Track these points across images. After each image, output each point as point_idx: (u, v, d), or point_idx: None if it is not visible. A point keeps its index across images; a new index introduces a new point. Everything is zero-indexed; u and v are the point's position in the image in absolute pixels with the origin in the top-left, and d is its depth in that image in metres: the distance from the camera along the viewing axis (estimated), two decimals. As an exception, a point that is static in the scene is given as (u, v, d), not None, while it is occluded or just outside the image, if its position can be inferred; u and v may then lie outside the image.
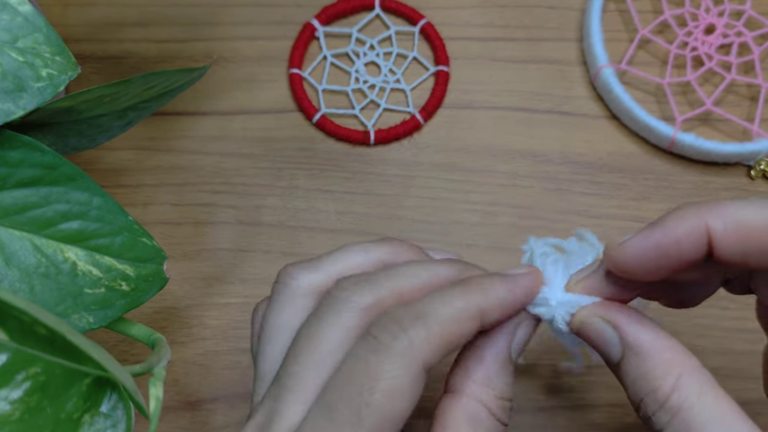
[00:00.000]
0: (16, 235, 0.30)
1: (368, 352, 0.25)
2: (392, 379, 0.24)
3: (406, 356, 0.24)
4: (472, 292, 0.26)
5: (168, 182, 0.44)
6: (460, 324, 0.25)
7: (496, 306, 0.26)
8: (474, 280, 0.27)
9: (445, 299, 0.26)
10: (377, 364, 0.24)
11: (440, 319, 0.25)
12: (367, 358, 0.24)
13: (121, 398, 0.27)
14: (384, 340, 0.25)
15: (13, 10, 0.29)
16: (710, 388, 0.25)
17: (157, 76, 0.33)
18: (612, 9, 0.47)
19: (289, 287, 0.30)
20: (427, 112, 0.45)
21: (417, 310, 0.25)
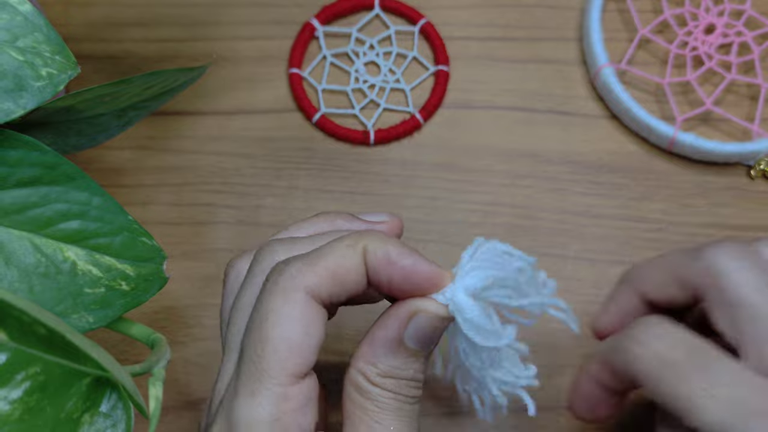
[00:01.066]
0: (15, 235, 0.30)
1: (262, 293, 0.27)
2: (276, 309, 0.26)
3: (287, 288, 0.27)
4: (360, 235, 0.28)
5: (168, 182, 0.44)
6: (343, 257, 0.27)
7: (380, 246, 0.27)
8: (368, 230, 0.30)
9: (333, 240, 0.28)
10: (266, 301, 0.27)
11: (322, 252, 0.27)
12: (260, 299, 0.27)
13: (121, 398, 0.27)
14: (271, 278, 0.27)
15: (13, 9, 0.29)
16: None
17: (156, 76, 0.33)
18: (612, 9, 0.47)
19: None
20: (427, 111, 0.45)
21: (306, 254, 0.28)
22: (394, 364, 0.28)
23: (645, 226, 0.43)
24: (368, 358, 0.28)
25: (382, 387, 0.29)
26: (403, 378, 0.29)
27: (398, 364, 0.29)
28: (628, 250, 0.43)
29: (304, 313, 0.27)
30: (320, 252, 0.27)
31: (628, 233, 0.43)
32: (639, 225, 0.43)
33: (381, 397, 0.28)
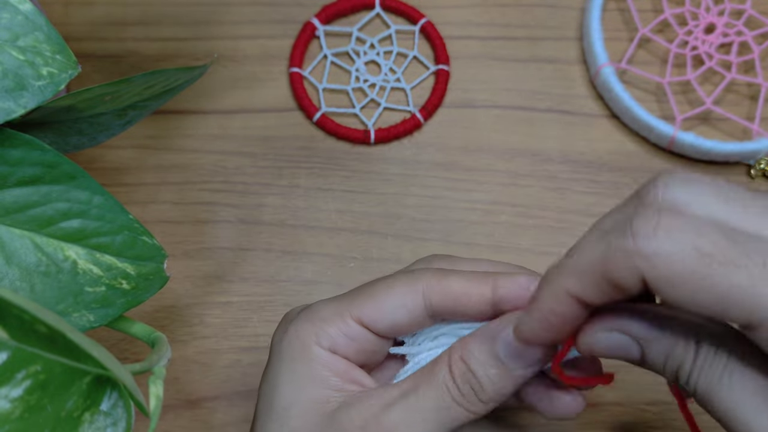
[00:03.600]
0: (16, 234, 0.30)
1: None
2: (394, 296, 0.32)
3: (412, 282, 0.32)
4: (490, 273, 0.31)
5: (168, 181, 0.44)
6: (468, 284, 0.31)
7: (520, 290, 0.30)
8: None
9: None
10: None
11: (450, 274, 0.31)
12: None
13: (122, 397, 0.27)
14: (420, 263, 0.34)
15: (14, 8, 0.30)
16: (722, 353, 0.25)
17: (157, 75, 0.33)
18: (612, 8, 0.47)
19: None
20: (428, 111, 0.45)
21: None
22: (475, 352, 0.29)
23: (645, 225, 0.43)
24: (464, 339, 0.30)
25: (450, 368, 0.29)
26: (473, 371, 0.29)
27: (479, 355, 0.29)
28: (628, 249, 0.43)
29: (407, 297, 0.31)
30: (454, 275, 0.31)
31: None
32: (639, 224, 0.43)
33: (439, 373, 0.29)
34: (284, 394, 0.31)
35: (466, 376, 0.29)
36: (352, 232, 0.43)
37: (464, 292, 0.30)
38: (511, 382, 0.30)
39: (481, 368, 0.29)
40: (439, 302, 0.31)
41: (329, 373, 0.31)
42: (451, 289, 0.31)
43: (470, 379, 0.29)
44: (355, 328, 0.31)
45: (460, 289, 0.30)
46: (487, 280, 0.30)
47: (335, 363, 0.31)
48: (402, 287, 0.31)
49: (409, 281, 0.31)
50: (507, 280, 0.30)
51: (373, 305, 0.31)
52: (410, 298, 0.31)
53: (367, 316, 0.31)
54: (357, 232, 0.43)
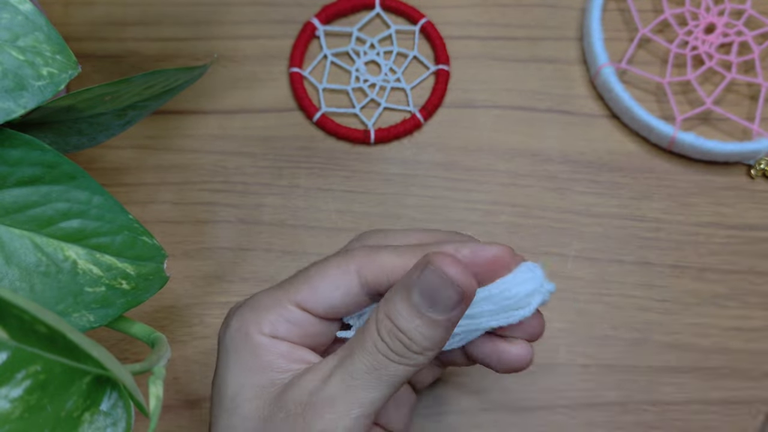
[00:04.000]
0: (16, 234, 0.30)
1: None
2: (328, 277, 0.32)
3: (344, 262, 0.32)
4: (419, 245, 0.32)
5: (168, 181, 0.44)
6: (398, 257, 0.31)
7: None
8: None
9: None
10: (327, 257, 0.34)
11: (381, 249, 0.32)
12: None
13: (121, 397, 0.27)
14: (350, 244, 0.35)
15: (14, 8, 0.30)
16: None
17: (157, 75, 0.33)
18: (612, 8, 0.47)
19: None
20: (428, 111, 0.45)
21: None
22: (397, 307, 0.29)
23: (645, 225, 0.43)
24: (387, 295, 0.30)
25: (377, 327, 0.29)
26: (398, 327, 0.29)
27: (401, 309, 0.29)
28: (628, 249, 0.43)
29: (341, 277, 0.32)
30: (386, 250, 0.32)
31: (628, 232, 0.43)
32: (639, 224, 0.43)
33: (368, 334, 0.30)
34: (230, 384, 0.31)
35: (392, 332, 0.29)
36: (352, 232, 0.43)
37: (396, 267, 0.31)
38: (440, 329, 0.29)
39: (404, 321, 0.29)
40: (374, 279, 0.31)
41: (272, 357, 0.31)
42: (383, 265, 0.31)
43: (397, 334, 0.29)
44: (296, 312, 0.32)
45: (392, 265, 0.31)
46: (417, 252, 0.31)
47: (277, 346, 0.32)
48: (335, 269, 0.32)
49: (341, 262, 0.32)
50: (436, 250, 0.30)
51: (309, 289, 0.32)
52: (344, 279, 0.31)
53: (305, 300, 0.32)
54: (357, 232, 0.43)
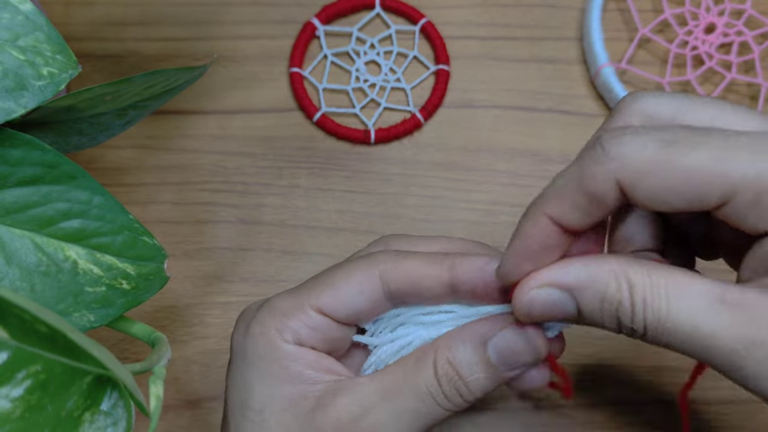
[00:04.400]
0: (16, 234, 0.30)
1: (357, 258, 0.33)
2: (351, 281, 0.31)
3: (369, 266, 0.31)
4: (448, 254, 0.31)
5: (169, 181, 0.44)
6: (424, 265, 0.30)
7: (476, 270, 0.29)
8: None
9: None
10: (347, 262, 0.32)
11: (407, 256, 0.31)
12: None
13: (122, 396, 0.27)
14: (373, 245, 0.33)
15: (14, 8, 0.30)
16: (658, 274, 0.25)
17: (158, 75, 0.33)
18: (612, 8, 0.47)
19: None
20: (428, 111, 0.45)
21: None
22: (465, 357, 0.29)
23: (645, 225, 0.43)
24: (449, 340, 0.29)
25: (436, 371, 0.29)
26: (462, 376, 0.29)
27: (470, 359, 0.29)
28: (628, 249, 0.43)
29: (365, 282, 0.31)
30: (410, 257, 0.31)
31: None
32: (639, 224, 0.43)
33: (424, 378, 0.29)
34: (257, 395, 0.30)
35: (454, 380, 0.29)
36: (352, 232, 0.43)
37: (421, 275, 0.30)
38: (497, 383, 0.29)
39: (470, 373, 0.29)
40: (397, 286, 0.30)
41: (301, 367, 0.30)
42: (408, 272, 0.30)
43: (457, 384, 0.29)
44: (316, 318, 0.31)
45: (417, 272, 0.30)
46: (444, 261, 0.30)
47: (305, 355, 0.31)
48: (359, 273, 0.31)
49: (366, 266, 0.31)
50: (464, 261, 0.30)
51: (331, 293, 0.31)
52: (368, 284, 0.30)
53: (327, 305, 0.31)
54: (357, 232, 0.43)
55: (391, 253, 0.31)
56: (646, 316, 0.25)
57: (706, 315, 0.24)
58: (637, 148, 0.24)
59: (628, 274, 0.25)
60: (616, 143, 0.24)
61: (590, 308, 0.26)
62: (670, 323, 0.25)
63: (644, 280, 0.25)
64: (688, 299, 0.24)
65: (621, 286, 0.25)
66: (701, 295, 0.24)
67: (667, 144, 0.23)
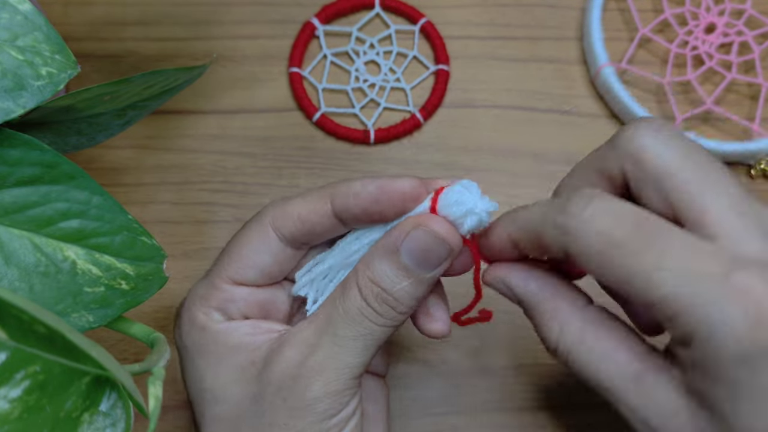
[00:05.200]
0: (15, 234, 0.30)
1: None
2: (243, 232, 0.33)
3: (259, 220, 0.32)
4: (327, 185, 0.32)
5: (168, 181, 0.44)
6: (306, 202, 0.31)
7: (352, 195, 0.30)
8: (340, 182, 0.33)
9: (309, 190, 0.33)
10: (243, 228, 0.34)
11: (290, 199, 0.32)
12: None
13: (121, 397, 0.27)
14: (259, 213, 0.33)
15: (13, 8, 0.29)
16: (591, 329, 0.28)
17: (157, 75, 0.33)
18: (612, 8, 0.47)
19: None
20: (427, 111, 0.45)
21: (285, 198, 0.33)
22: (383, 270, 0.30)
23: (645, 225, 0.43)
24: (366, 259, 0.31)
25: (362, 293, 0.30)
26: (386, 289, 0.30)
27: (388, 272, 0.30)
28: (628, 249, 0.43)
29: (272, 247, 0.32)
30: (293, 198, 0.32)
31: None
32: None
33: (352, 301, 0.30)
34: (205, 378, 0.32)
35: (380, 296, 0.30)
36: (351, 232, 0.43)
37: (307, 212, 0.31)
38: (425, 286, 0.30)
39: (392, 284, 0.30)
40: (289, 230, 0.32)
41: (237, 338, 0.32)
42: (294, 213, 0.32)
43: (385, 298, 0.30)
44: (233, 290, 0.32)
45: (302, 210, 0.31)
46: (323, 194, 0.31)
47: (236, 326, 0.32)
48: (252, 232, 0.32)
49: (256, 223, 0.32)
50: (340, 189, 0.31)
51: (235, 261, 0.32)
52: (263, 239, 0.32)
53: (236, 273, 0.32)
54: (357, 233, 0.43)
55: (275, 203, 0.33)
56: (559, 347, 0.29)
57: (620, 389, 0.27)
58: (586, 236, 0.26)
59: (564, 321, 0.29)
60: (573, 219, 0.27)
61: (527, 313, 0.31)
62: (587, 379, 0.29)
63: (573, 336, 0.29)
64: (608, 370, 0.28)
65: (553, 327, 0.29)
66: (620, 369, 0.28)
67: (612, 244, 0.26)
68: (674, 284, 0.25)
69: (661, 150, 0.27)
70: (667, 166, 0.27)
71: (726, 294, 0.24)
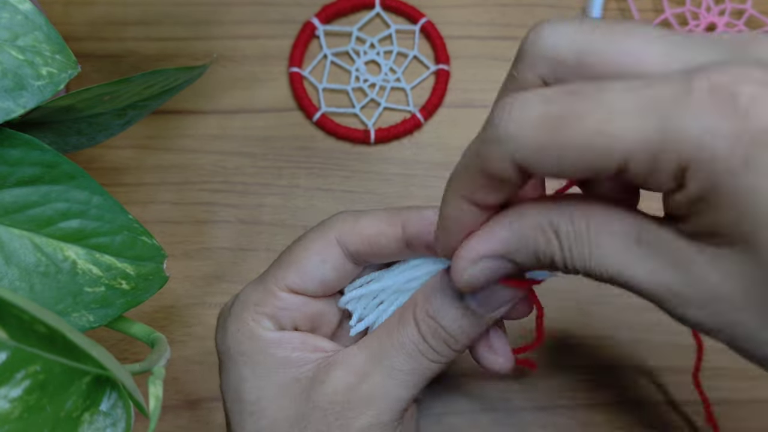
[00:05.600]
0: (15, 234, 0.30)
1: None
2: (308, 240, 0.32)
3: (325, 230, 0.32)
4: (399, 209, 0.31)
5: (168, 181, 0.44)
6: (377, 223, 0.31)
7: (419, 219, 0.30)
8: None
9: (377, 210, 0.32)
10: (307, 233, 0.33)
11: (360, 216, 0.31)
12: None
13: (121, 397, 0.27)
14: (326, 221, 0.32)
15: (14, 8, 0.29)
16: (581, 217, 0.24)
17: (157, 75, 0.33)
18: (613, 8, 0.47)
19: None
20: (428, 110, 0.45)
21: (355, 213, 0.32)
22: (444, 307, 0.29)
23: (645, 225, 0.43)
24: (426, 293, 0.30)
25: (418, 327, 0.29)
26: (444, 327, 0.29)
27: (449, 309, 0.29)
28: (628, 249, 0.43)
29: (324, 250, 0.31)
30: (364, 216, 0.31)
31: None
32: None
33: (409, 336, 0.29)
34: (249, 389, 0.30)
35: (437, 332, 0.29)
36: (352, 232, 0.43)
37: (376, 233, 0.31)
38: (482, 326, 0.30)
39: (451, 322, 0.29)
40: (356, 247, 0.31)
41: (287, 352, 0.31)
42: (364, 231, 0.31)
43: (442, 335, 0.29)
44: (288, 298, 0.31)
45: (372, 230, 0.31)
46: (397, 218, 0.31)
47: (289, 339, 0.31)
48: (317, 242, 0.31)
49: (322, 234, 0.31)
50: (413, 215, 0.30)
51: (295, 270, 0.31)
52: (327, 251, 0.31)
53: (294, 283, 0.31)
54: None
55: (345, 216, 0.32)
56: (575, 264, 0.24)
57: (625, 258, 0.23)
58: (525, 127, 0.22)
59: (553, 225, 0.25)
60: (506, 121, 0.23)
61: (528, 263, 0.26)
62: (595, 268, 0.24)
63: (567, 227, 0.24)
64: (607, 241, 0.24)
65: (550, 239, 0.25)
66: (619, 236, 0.24)
67: (555, 119, 0.22)
68: (641, 124, 0.21)
69: (568, 38, 0.25)
70: (581, 48, 0.25)
71: (696, 106, 0.20)
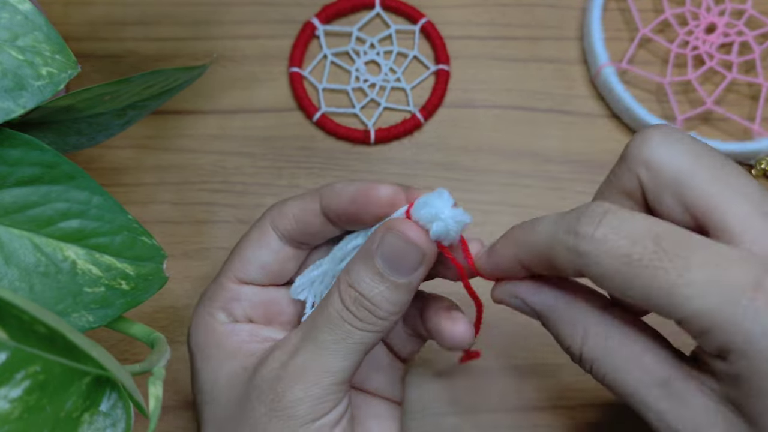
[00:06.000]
0: (15, 234, 0.30)
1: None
2: (246, 235, 0.34)
3: (261, 221, 0.34)
4: (322, 186, 0.33)
5: (168, 181, 0.44)
6: (301, 201, 0.33)
7: (334, 195, 0.31)
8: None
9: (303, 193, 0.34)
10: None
11: (288, 199, 0.34)
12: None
13: (121, 397, 0.27)
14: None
15: (13, 8, 0.29)
16: (615, 333, 0.28)
17: (157, 75, 0.33)
18: (613, 8, 0.47)
19: None
20: (428, 111, 0.45)
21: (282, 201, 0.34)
22: (360, 274, 0.30)
23: (645, 225, 0.43)
24: (348, 264, 0.31)
25: (341, 296, 0.30)
26: (363, 294, 0.30)
27: (364, 276, 0.30)
28: (628, 249, 0.43)
29: (261, 237, 0.33)
30: (291, 199, 0.33)
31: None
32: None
33: (333, 306, 0.30)
34: (205, 380, 0.33)
35: (358, 300, 0.30)
36: (352, 232, 0.43)
37: (300, 211, 0.33)
38: (403, 292, 0.30)
39: (369, 288, 0.30)
40: (286, 228, 0.33)
41: (236, 343, 0.33)
42: (290, 212, 0.33)
43: (362, 302, 0.30)
44: (237, 289, 0.33)
45: (296, 209, 0.33)
46: (316, 194, 0.32)
47: (238, 331, 0.33)
48: (254, 231, 0.34)
49: (258, 223, 0.34)
50: (327, 190, 0.32)
51: (239, 260, 0.34)
52: (264, 237, 0.33)
53: (239, 271, 0.33)
54: (357, 233, 0.43)
55: (277, 203, 0.34)
56: (589, 364, 0.29)
57: (643, 390, 0.27)
58: (604, 254, 0.25)
59: (586, 327, 0.28)
60: (586, 241, 0.26)
61: (548, 328, 0.30)
62: (609, 382, 0.28)
63: (597, 343, 0.28)
64: (634, 370, 0.27)
65: (575, 335, 0.29)
66: (647, 373, 0.27)
67: (631, 261, 0.25)
68: (704, 298, 0.24)
69: (673, 154, 0.27)
70: (681, 170, 0.26)
71: (761, 304, 0.23)
